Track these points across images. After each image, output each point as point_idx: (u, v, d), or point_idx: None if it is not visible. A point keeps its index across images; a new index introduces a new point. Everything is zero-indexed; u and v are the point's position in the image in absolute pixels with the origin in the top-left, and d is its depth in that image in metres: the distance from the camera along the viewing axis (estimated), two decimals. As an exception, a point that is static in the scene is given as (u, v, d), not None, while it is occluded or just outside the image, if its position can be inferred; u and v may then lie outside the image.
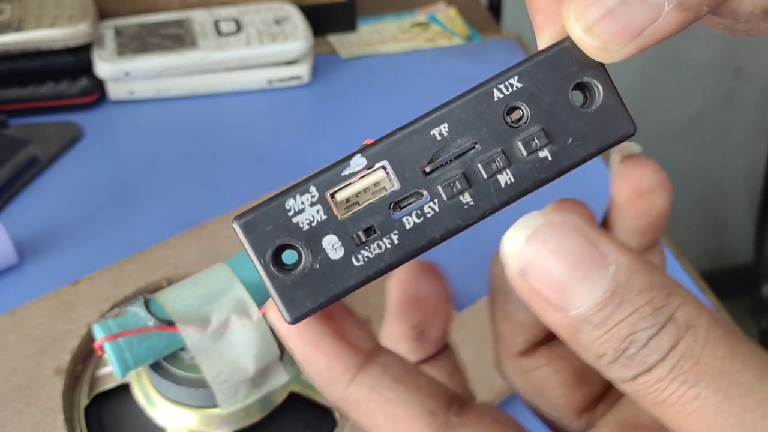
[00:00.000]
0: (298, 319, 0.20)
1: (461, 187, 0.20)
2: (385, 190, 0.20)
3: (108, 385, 0.43)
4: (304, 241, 0.20)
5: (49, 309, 0.46)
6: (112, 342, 0.37)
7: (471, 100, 0.21)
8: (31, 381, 0.42)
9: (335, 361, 0.21)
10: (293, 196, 0.20)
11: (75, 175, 0.60)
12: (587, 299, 0.18)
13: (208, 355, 0.38)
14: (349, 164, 0.20)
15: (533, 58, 0.21)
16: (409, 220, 0.20)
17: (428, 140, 0.20)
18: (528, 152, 0.20)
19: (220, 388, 0.38)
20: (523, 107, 0.20)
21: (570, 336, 0.18)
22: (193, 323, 0.39)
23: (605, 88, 0.21)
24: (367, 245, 0.20)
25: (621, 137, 0.21)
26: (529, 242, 0.19)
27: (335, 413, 0.42)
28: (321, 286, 0.20)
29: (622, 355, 0.18)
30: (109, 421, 0.42)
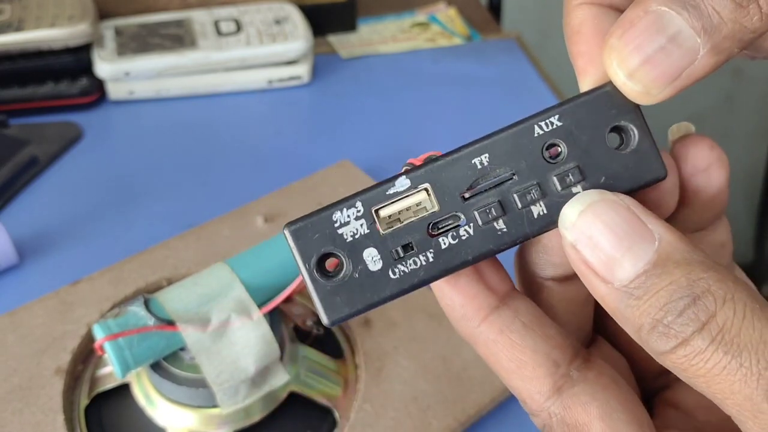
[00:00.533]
0: (335, 323, 0.21)
1: (496, 214, 0.22)
2: (425, 210, 0.22)
3: (108, 385, 0.43)
4: (346, 251, 0.21)
5: (49, 309, 0.46)
6: (112, 342, 0.37)
7: (513, 133, 0.22)
8: (31, 381, 0.43)
9: (470, 300, 0.22)
10: (340, 209, 0.22)
11: (75, 175, 0.60)
12: (630, 271, 0.19)
13: (208, 355, 0.38)
14: (395, 184, 0.22)
15: (574, 100, 0.22)
16: (445, 240, 0.22)
17: (469, 168, 0.22)
18: (562, 187, 0.22)
19: (220, 388, 0.38)
20: (561, 144, 0.22)
21: (614, 308, 0.19)
22: (193, 323, 0.39)
23: (641, 133, 0.22)
24: (404, 260, 0.22)
25: (652, 180, 0.22)
26: (583, 215, 0.20)
27: (335, 413, 0.42)
28: (359, 294, 0.21)
29: (659, 324, 0.18)
30: (109, 421, 0.42)
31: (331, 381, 0.43)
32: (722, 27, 0.20)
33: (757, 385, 0.18)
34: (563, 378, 0.22)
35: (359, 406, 0.42)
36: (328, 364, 0.44)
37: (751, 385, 0.18)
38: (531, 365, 0.22)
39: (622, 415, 0.21)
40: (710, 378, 0.18)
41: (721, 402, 0.18)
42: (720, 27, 0.20)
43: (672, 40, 0.20)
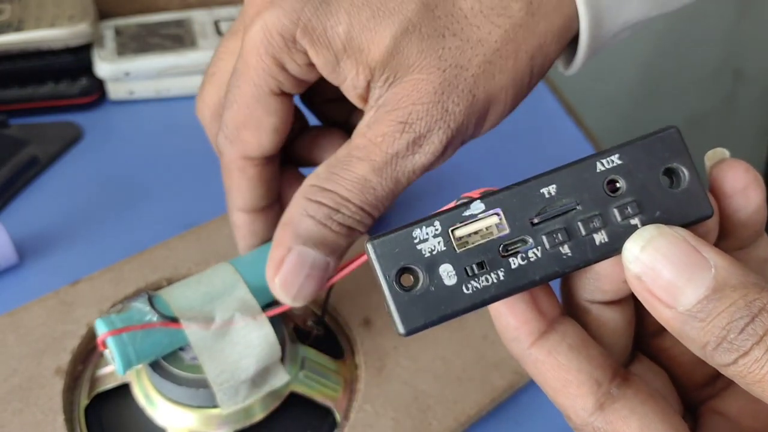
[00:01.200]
0: (411, 332, 0.23)
1: (562, 239, 0.24)
2: (496, 233, 0.24)
3: (108, 385, 0.43)
4: (424, 265, 0.23)
5: (49, 309, 0.46)
6: (115, 337, 0.37)
7: (577, 168, 0.24)
8: (31, 381, 0.43)
9: (523, 324, 0.25)
10: (420, 227, 0.23)
11: (75, 175, 0.60)
12: (692, 297, 0.21)
13: (210, 354, 0.38)
14: (470, 207, 0.24)
15: (634, 142, 0.24)
16: (515, 261, 0.24)
17: (538, 197, 0.24)
18: (622, 218, 0.24)
19: (220, 388, 0.38)
20: (620, 180, 0.24)
21: (678, 329, 0.22)
22: (196, 320, 0.39)
23: (691, 175, 0.24)
24: (477, 277, 0.23)
25: (701, 218, 0.25)
26: (645, 250, 0.23)
27: (335, 413, 0.42)
28: (434, 306, 0.23)
29: (723, 341, 0.21)
30: (109, 421, 0.42)
31: (332, 381, 0.43)
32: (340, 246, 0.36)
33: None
34: (605, 395, 0.24)
35: (359, 406, 0.42)
36: (328, 365, 0.44)
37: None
38: (575, 384, 0.24)
39: (660, 426, 0.24)
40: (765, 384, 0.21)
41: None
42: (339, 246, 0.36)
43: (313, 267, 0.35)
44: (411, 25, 0.34)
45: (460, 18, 0.34)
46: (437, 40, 0.34)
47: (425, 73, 0.34)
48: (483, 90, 0.35)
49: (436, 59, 0.34)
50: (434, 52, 0.34)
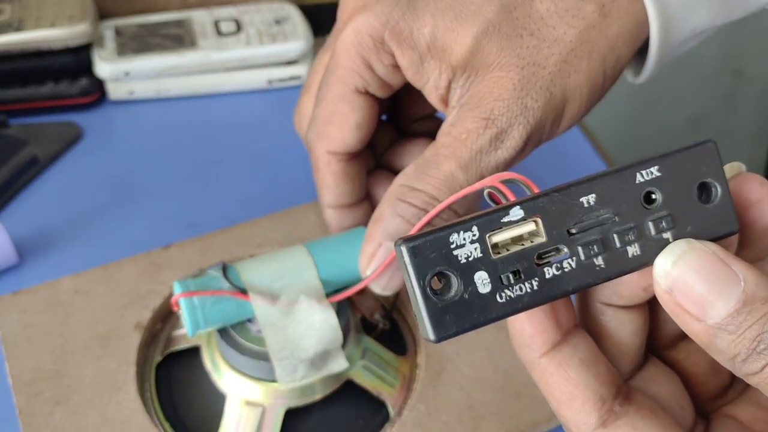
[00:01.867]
0: (441, 339, 0.22)
1: (598, 250, 0.23)
2: (533, 240, 0.23)
3: (181, 345, 0.45)
4: (459, 272, 0.22)
5: (140, 268, 0.49)
6: (187, 299, 0.39)
7: (617, 177, 0.24)
8: (112, 332, 0.45)
9: (539, 334, 0.24)
10: (457, 231, 0.23)
11: (75, 175, 0.60)
12: (722, 310, 0.22)
13: (273, 329, 0.40)
14: (509, 213, 0.23)
15: (674, 154, 0.24)
16: (549, 271, 0.23)
17: (577, 206, 0.24)
18: (656, 231, 0.24)
19: (279, 363, 0.40)
20: (656, 193, 0.24)
21: (708, 342, 0.22)
22: (264, 295, 0.40)
23: (723, 191, 0.25)
24: (512, 286, 0.23)
25: (728, 233, 0.25)
26: (676, 265, 0.23)
27: (389, 407, 0.43)
28: (467, 314, 0.22)
29: (753, 353, 0.21)
30: (176, 379, 0.44)
31: (390, 376, 0.44)
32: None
33: None
34: (608, 413, 0.24)
35: (413, 405, 0.43)
36: (390, 359, 0.45)
37: None
38: (581, 399, 0.24)
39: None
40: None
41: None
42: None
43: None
44: (491, 25, 0.36)
45: (536, 19, 0.36)
46: (516, 39, 0.36)
47: (505, 71, 0.36)
48: (559, 88, 0.36)
49: (515, 57, 0.36)
50: (513, 51, 0.36)
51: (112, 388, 0.43)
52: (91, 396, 0.42)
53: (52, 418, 0.41)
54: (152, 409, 0.43)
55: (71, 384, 0.43)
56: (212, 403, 0.42)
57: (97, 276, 0.48)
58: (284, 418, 0.41)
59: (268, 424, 0.41)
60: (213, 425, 0.42)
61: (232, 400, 0.41)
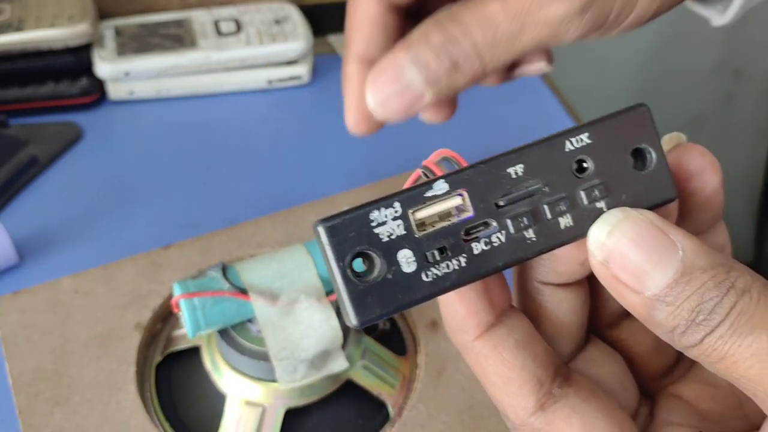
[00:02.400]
0: (364, 324, 0.21)
1: (528, 223, 0.22)
2: (460, 215, 0.22)
3: (181, 345, 0.45)
4: (382, 251, 0.21)
5: (140, 268, 0.49)
6: (187, 300, 0.39)
7: (545, 146, 0.23)
8: (112, 332, 0.45)
9: (472, 315, 0.23)
10: (378, 209, 0.21)
11: (75, 175, 0.60)
12: (660, 281, 0.21)
13: (273, 329, 0.40)
14: (433, 187, 0.22)
15: (604, 120, 0.23)
16: (478, 246, 0.22)
17: (504, 177, 0.22)
18: (588, 201, 0.23)
19: (279, 363, 0.40)
20: (588, 161, 0.23)
21: (646, 315, 0.21)
22: (264, 295, 0.40)
23: (658, 156, 0.23)
24: (438, 264, 0.22)
25: (665, 200, 0.24)
26: (611, 235, 0.22)
27: (389, 408, 0.43)
28: (391, 295, 0.21)
29: (692, 324, 0.20)
30: (176, 379, 0.44)
31: (390, 376, 0.44)
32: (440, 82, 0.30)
33: (766, 358, 0.19)
34: (546, 396, 0.23)
35: (413, 405, 0.43)
36: (390, 360, 0.45)
37: (761, 359, 0.19)
38: (518, 383, 0.23)
39: (602, 423, 0.23)
40: (727, 359, 0.20)
41: (738, 383, 0.20)
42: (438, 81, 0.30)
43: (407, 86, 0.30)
44: None
45: None
46: None
47: None
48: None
49: None
50: None
51: (112, 388, 0.43)
52: (91, 396, 0.42)
53: (52, 418, 0.41)
54: (152, 409, 0.43)
55: (71, 384, 0.43)
56: (212, 403, 0.42)
57: (97, 276, 0.48)
58: (284, 418, 0.41)
59: (268, 424, 0.41)
60: (213, 425, 0.42)
61: (232, 400, 0.41)
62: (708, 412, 0.26)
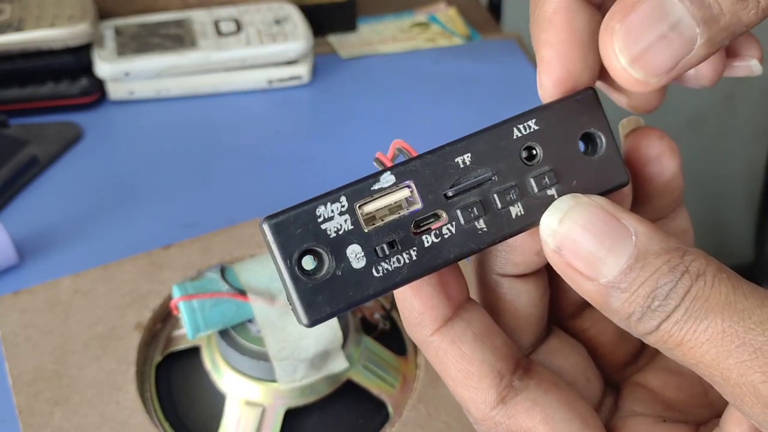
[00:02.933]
0: (315, 323, 0.21)
1: (478, 213, 0.22)
2: (409, 208, 0.22)
3: (181, 345, 0.45)
4: (330, 247, 0.21)
5: (140, 268, 0.49)
6: (186, 302, 0.40)
7: (493, 134, 0.22)
8: (112, 332, 0.45)
9: (429, 309, 0.23)
10: (324, 204, 0.21)
11: (75, 175, 0.60)
12: (614, 268, 0.20)
13: (273, 329, 0.40)
14: (379, 180, 0.21)
15: (551, 105, 0.23)
16: (428, 239, 0.22)
17: (452, 166, 0.22)
18: (539, 189, 0.22)
19: (279, 363, 0.40)
20: (537, 148, 0.23)
21: (602, 302, 0.21)
22: (263, 296, 0.41)
23: (608, 141, 0.23)
24: (388, 258, 0.21)
25: (617, 185, 0.23)
26: (563, 222, 0.21)
27: (389, 408, 0.43)
28: (341, 292, 0.21)
29: (647, 310, 0.20)
30: (176, 379, 0.44)
31: (390, 376, 0.44)
32: (721, 18, 0.20)
33: (721, 343, 0.19)
34: (507, 389, 0.23)
35: (413, 405, 0.43)
36: (390, 360, 0.45)
37: (716, 344, 0.19)
38: (477, 376, 0.23)
39: (564, 415, 0.23)
40: (684, 345, 0.20)
41: (696, 369, 0.20)
42: (719, 18, 0.20)
43: (673, 28, 0.21)
44: None
45: None
46: None
47: None
48: None
49: None
50: None
51: (112, 387, 0.43)
52: (91, 396, 0.42)
53: (52, 418, 0.41)
54: (152, 409, 0.43)
55: (71, 384, 0.43)
56: (212, 403, 0.42)
57: (97, 276, 0.48)
58: (284, 418, 0.41)
59: (268, 424, 0.41)
60: (213, 425, 0.42)
61: (232, 400, 0.41)
62: (673, 400, 0.26)
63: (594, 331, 0.27)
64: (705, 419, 0.25)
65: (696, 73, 0.25)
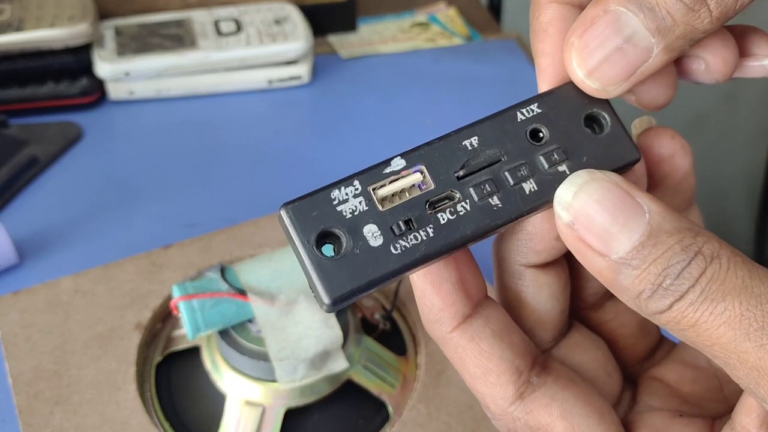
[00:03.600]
0: (336, 301, 0.21)
1: (491, 190, 0.22)
2: (421, 189, 0.22)
3: (181, 345, 0.45)
4: (346, 227, 0.21)
5: (140, 268, 0.49)
6: (186, 302, 0.40)
7: (497, 119, 0.23)
8: (112, 332, 0.45)
9: (448, 306, 0.23)
10: (338, 188, 0.22)
11: (75, 175, 0.60)
12: (626, 244, 0.20)
13: (273, 329, 0.40)
14: (390, 164, 0.22)
15: (552, 91, 0.24)
16: (444, 216, 0.22)
17: (460, 149, 0.23)
18: (549, 165, 0.23)
19: (279, 364, 0.40)
20: (542, 129, 0.23)
21: (611, 279, 0.21)
22: (263, 296, 0.41)
23: (612, 120, 0.23)
24: (405, 236, 0.22)
25: (629, 162, 0.23)
26: (577, 196, 0.21)
27: (389, 408, 0.43)
28: (361, 270, 0.21)
29: (659, 288, 0.20)
30: (176, 379, 0.44)
31: (390, 376, 0.44)
32: (675, 28, 0.22)
33: (739, 326, 0.19)
34: (525, 384, 0.23)
35: (413, 405, 0.43)
36: (390, 360, 0.45)
37: (734, 326, 0.19)
38: (496, 372, 0.23)
39: (581, 410, 0.23)
40: (699, 326, 0.20)
41: (710, 351, 0.20)
42: (673, 28, 0.21)
43: (628, 40, 0.22)
44: None
45: None
46: None
47: None
48: None
49: None
50: None
51: (111, 387, 0.43)
52: (90, 396, 0.42)
53: (52, 417, 0.41)
54: (152, 408, 0.43)
55: (71, 384, 0.43)
56: (212, 403, 0.42)
57: (97, 276, 0.48)
58: (284, 418, 0.41)
59: (268, 424, 0.41)
60: (213, 425, 0.42)
61: (232, 400, 0.41)
62: (689, 394, 0.26)
63: (615, 324, 0.27)
64: (720, 413, 0.26)
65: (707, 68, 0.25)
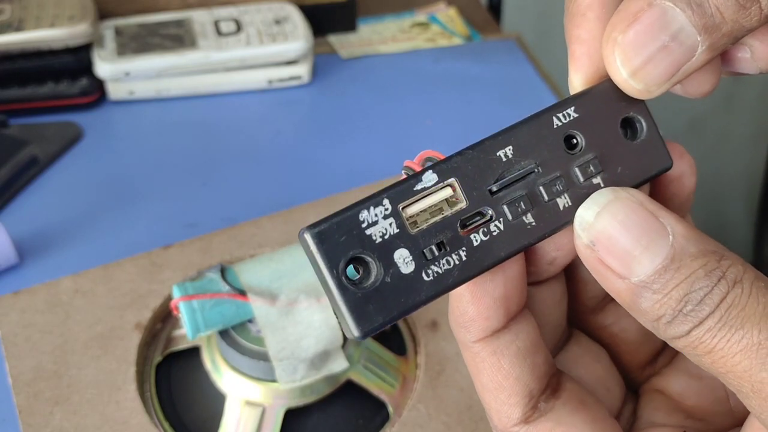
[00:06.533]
0: (367, 334, 0.20)
1: (525, 207, 0.21)
2: (453, 206, 0.21)
3: (181, 345, 0.45)
4: (376, 253, 0.20)
5: (140, 268, 0.49)
6: (186, 303, 0.40)
7: (533, 125, 0.22)
8: (112, 332, 0.45)
9: (482, 320, 0.22)
10: (367, 208, 0.20)
11: (75, 175, 0.60)
12: (648, 267, 0.19)
13: (273, 329, 0.40)
14: (421, 179, 0.21)
15: (589, 92, 0.22)
16: (477, 237, 0.21)
17: (494, 161, 0.21)
18: (584, 178, 0.22)
19: (279, 363, 0.40)
20: (578, 136, 0.22)
21: (630, 302, 0.20)
22: (263, 296, 0.41)
23: (648, 124, 0.23)
24: (437, 261, 0.20)
25: (662, 170, 0.23)
26: (600, 216, 0.20)
27: (389, 408, 0.43)
28: (392, 300, 0.20)
29: (679, 314, 0.19)
30: (176, 379, 0.44)
31: (390, 376, 0.44)
32: (722, 26, 0.20)
33: (756, 355, 0.18)
34: (533, 410, 0.22)
35: (413, 405, 0.43)
36: (390, 360, 0.45)
37: (751, 355, 0.18)
38: (508, 391, 0.22)
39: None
40: (715, 353, 0.19)
41: (724, 378, 0.19)
42: (720, 26, 0.20)
43: (674, 38, 0.20)
44: None
45: None
46: None
47: None
48: None
49: None
50: None
51: (111, 387, 0.43)
52: (90, 396, 0.42)
53: (52, 417, 0.41)
54: (152, 408, 0.43)
55: (71, 384, 0.43)
56: (212, 403, 0.42)
57: (97, 276, 0.48)
58: (284, 418, 0.41)
59: (268, 424, 0.41)
60: (213, 425, 0.42)
61: (232, 400, 0.41)
62: (693, 408, 0.26)
63: (616, 328, 0.26)
64: (726, 427, 0.25)
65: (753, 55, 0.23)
